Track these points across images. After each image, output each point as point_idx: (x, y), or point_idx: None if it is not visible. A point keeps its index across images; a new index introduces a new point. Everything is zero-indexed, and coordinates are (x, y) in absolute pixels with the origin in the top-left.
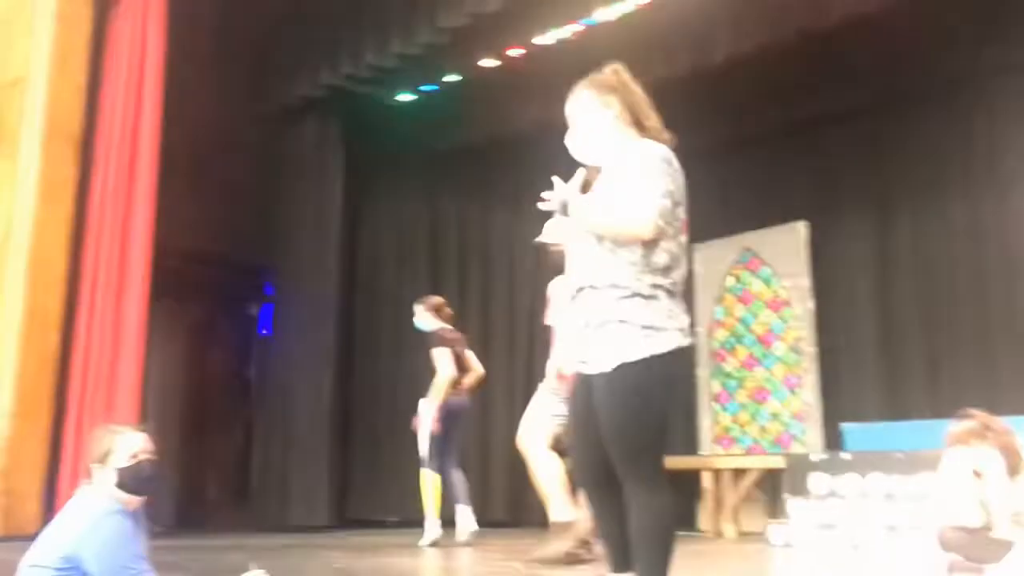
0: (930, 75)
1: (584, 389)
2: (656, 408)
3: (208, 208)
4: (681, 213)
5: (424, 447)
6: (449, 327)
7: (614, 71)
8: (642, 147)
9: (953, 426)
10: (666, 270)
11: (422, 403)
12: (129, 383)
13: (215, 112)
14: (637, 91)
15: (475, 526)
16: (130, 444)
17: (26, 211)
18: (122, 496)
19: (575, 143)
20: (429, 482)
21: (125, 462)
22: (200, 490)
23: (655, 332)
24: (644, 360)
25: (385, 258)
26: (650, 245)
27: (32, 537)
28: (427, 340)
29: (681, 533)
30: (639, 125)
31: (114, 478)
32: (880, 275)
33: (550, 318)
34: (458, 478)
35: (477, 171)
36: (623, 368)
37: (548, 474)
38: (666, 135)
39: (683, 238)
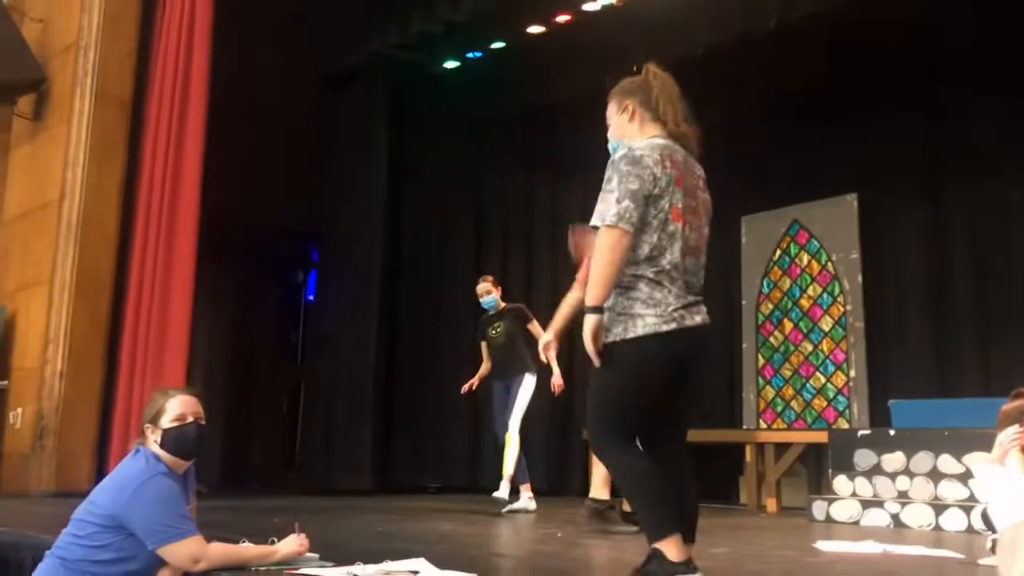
0: (985, 42)
1: None
2: (626, 384)
3: (255, 174)
4: (665, 204)
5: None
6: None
7: (644, 70)
8: (618, 153)
9: (1006, 405)
10: (649, 259)
11: (530, 376)
12: (177, 346)
13: (263, 79)
14: (657, 87)
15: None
16: (178, 406)
17: (78, 174)
18: (168, 457)
19: (610, 147)
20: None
21: (171, 423)
22: (246, 453)
23: (628, 318)
24: (618, 343)
25: (429, 225)
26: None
27: (83, 494)
28: (516, 313)
29: (722, 506)
30: (660, 120)
31: (160, 439)
32: (931, 249)
33: None
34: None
35: (522, 138)
36: (607, 348)
37: None
38: (683, 127)
39: (673, 226)
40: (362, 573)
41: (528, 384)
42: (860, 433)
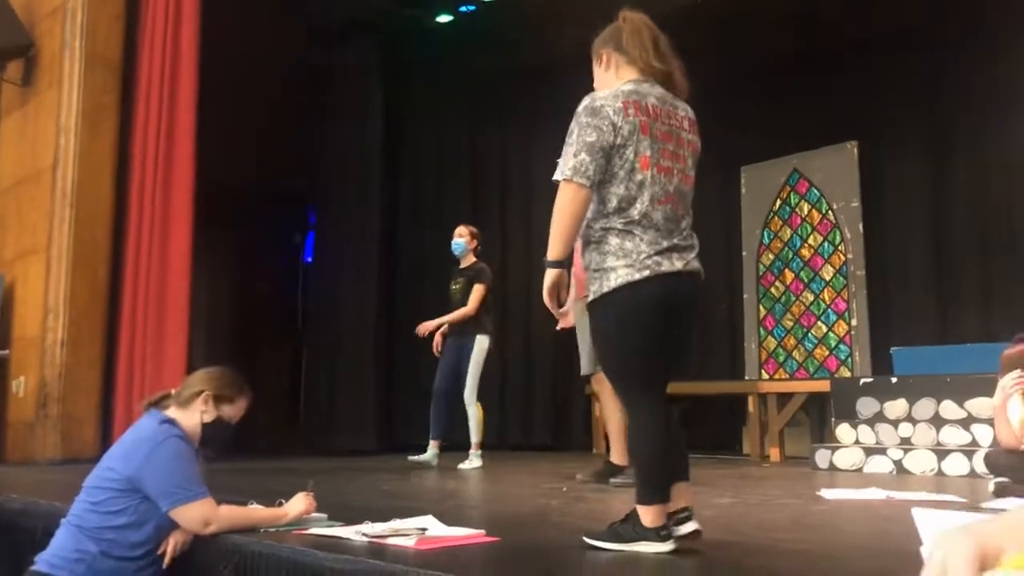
0: None
1: None
2: (614, 342)
3: (249, 135)
4: (629, 154)
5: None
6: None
7: (619, 17)
8: (581, 104)
9: (1007, 350)
10: (618, 211)
11: (481, 338)
12: (177, 310)
13: (254, 37)
14: (628, 29)
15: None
16: (242, 409)
17: (71, 140)
18: (193, 430)
19: None
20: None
21: (228, 416)
22: (249, 416)
23: (602, 273)
24: (596, 300)
25: (426, 183)
26: (595, 195)
27: (89, 461)
28: (476, 271)
29: (726, 457)
30: (635, 63)
31: (211, 419)
32: (932, 196)
33: None
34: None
35: (518, 93)
36: (588, 308)
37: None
38: (660, 64)
39: (641, 175)
40: (371, 531)
41: (480, 347)
42: (862, 381)
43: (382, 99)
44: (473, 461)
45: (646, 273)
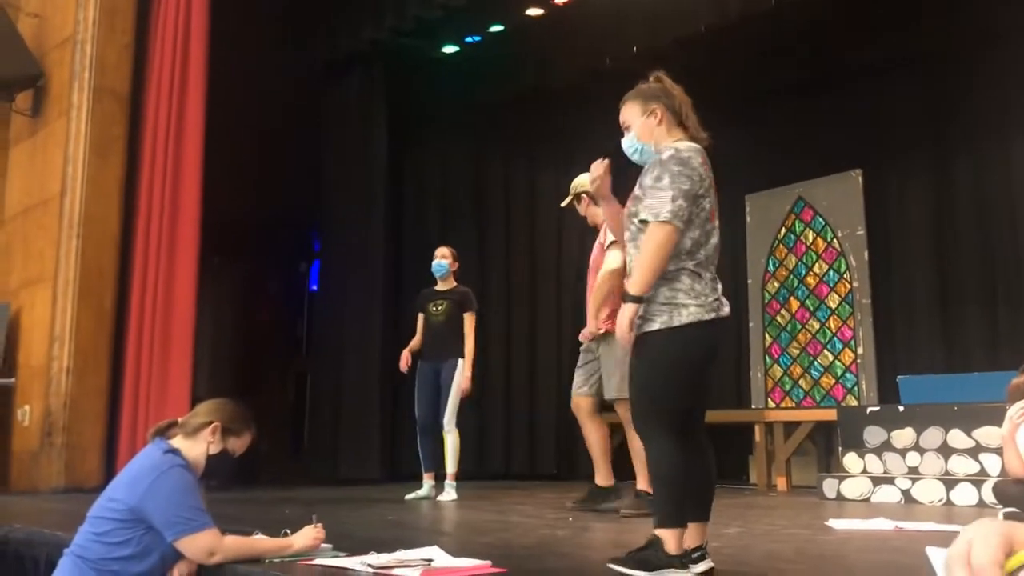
0: (988, 17)
1: None
2: (668, 372)
3: (255, 165)
4: (707, 204)
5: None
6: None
7: (656, 79)
8: (665, 153)
9: (1015, 380)
10: (690, 253)
11: (462, 362)
12: (183, 339)
13: (261, 68)
14: (677, 94)
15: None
16: (247, 443)
17: (78, 170)
18: (198, 460)
19: (628, 147)
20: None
21: (232, 449)
22: (253, 444)
23: (672, 308)
24: (661, 331)
25: (431, 211)
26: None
27: (93, 490)
28: (464, 296)
29: (732, 486)
30: (683, 126)
31: (218, 450)
32: (937, 223)
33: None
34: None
35: (522, 124)
36: (644, 337)
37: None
38: (703, 134)
39: (711, 224)
40: (376, 562)
41: (461, 373)
42: (869, 410)
43: (387, 128)
44: (450, 493)
45: (713, 315)
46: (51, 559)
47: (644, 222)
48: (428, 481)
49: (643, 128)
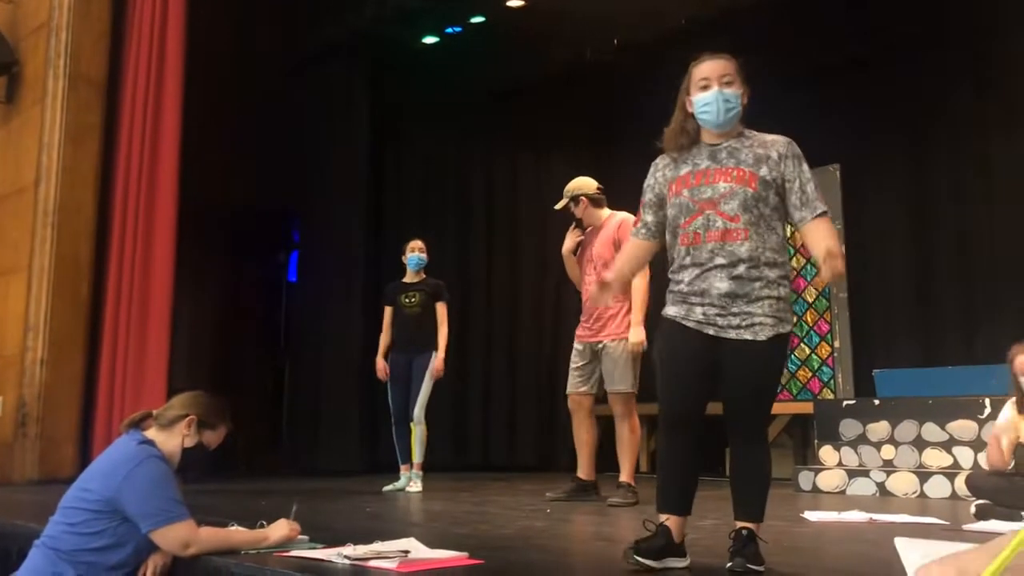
0: (966, 10)
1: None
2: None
3: (234, 155)
4: None
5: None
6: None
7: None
8: (791, 144)
9: (1017, 345)
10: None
11: (435, 355)
12: (159, 329)
13: (239, 57)
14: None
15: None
16: (222, 436)
17: (54, 158)
18: (173, 451)
19: (724, 103)
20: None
21: (208, 442)
22: (231, 436)
23: (790, 308)
24: (787, 335)
25: (412, 202)
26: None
27: (67, 480)
28: (436, 287)
29: (709, 478)
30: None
31: (193, 443)
32: (915, 218)
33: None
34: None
35: (503, 114)
36: (782, 339)
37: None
38: None
39: None
40: (353, 554)
41: (433, 364)
42: (845, 403)
43: (368, 119)
44: (416, 484)
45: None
46: (23, 551)
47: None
48: (405, 473)
49: (743, 94)
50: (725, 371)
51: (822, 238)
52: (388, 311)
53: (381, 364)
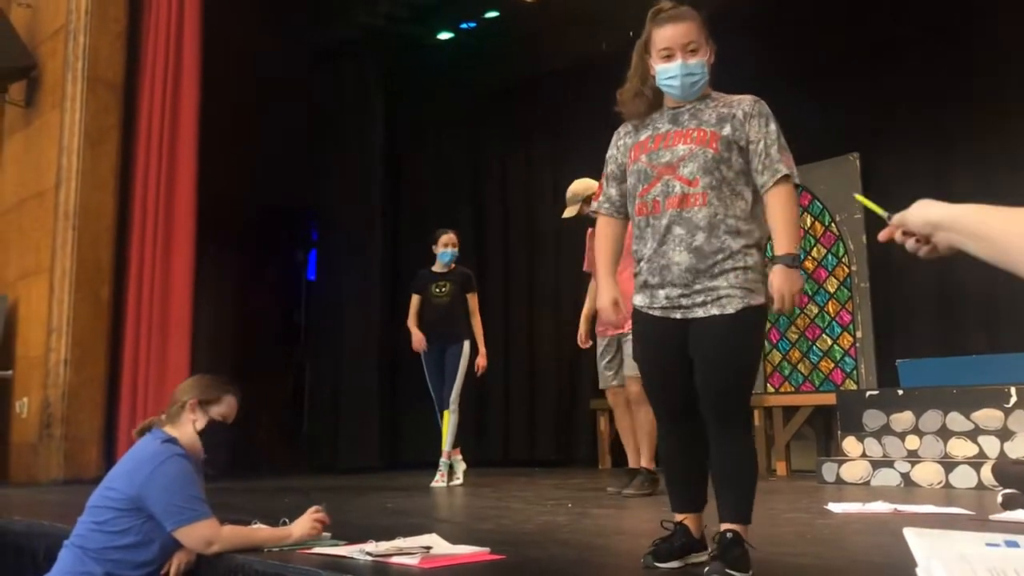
0: None
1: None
2: (758, 353)
3: (251, 153)
4: None
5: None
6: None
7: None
8: (756, 102)
9: None
10: None
11: (467, 344)
12: (180, 329)
13: (255, 57)
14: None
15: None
16: (232, 407)
17: (73, 160)
18: (191, 442)
19: (687, 73)
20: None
21: (218, 417)
22: (252, 434)
23: (763, 280)
24: (761, 307)
25: (429, 199)
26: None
27: (92, 480)
28: (466, 277)
29: None
30: None
31: (203, 425)
32: None
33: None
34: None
35: (518, 109)
36: (752, 312)
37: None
38: None
39: None
40: (375, 550)
41: (466, 353)
42: (868, 394)
43: (384, 116)
44: (459, 466)
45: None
46: (50, 551)
47: (787, 178)
48: (445, 460)
49: (709, 59)
50: (695, 353)
51: (779, 228)
52: (416, 299)
53: (418, 335)
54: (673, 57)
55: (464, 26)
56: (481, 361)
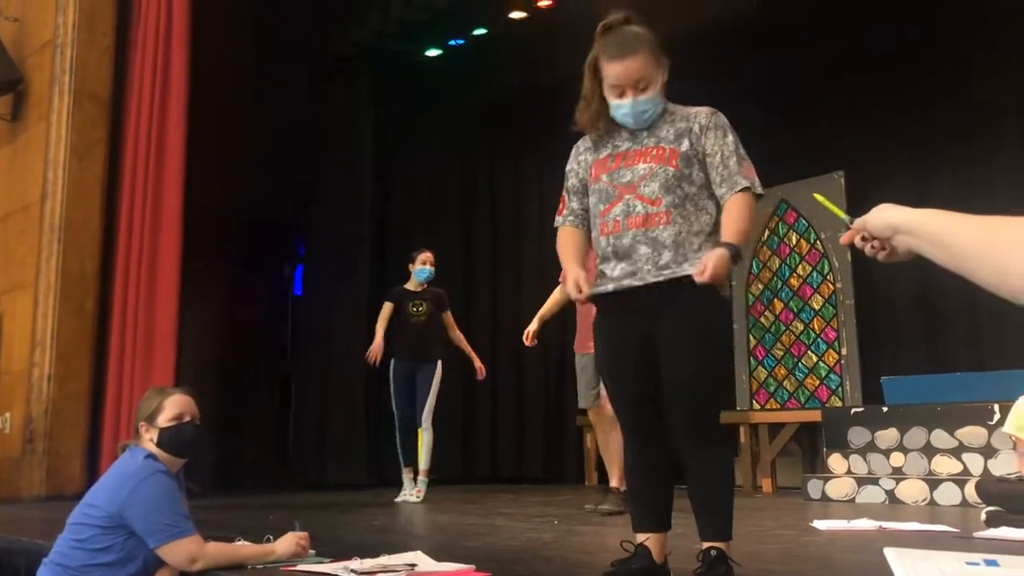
0: (972, 14)
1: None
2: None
3: (238, 168)
4: None
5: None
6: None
7: (627, 19)
8: (713, 114)
9: None
10: None
11: (440, 363)
12: (165, 344)
13: (243, 72)
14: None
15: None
16: (175, 405)
17: (59, 174)
18: (164, 455)
19: (641, 111)
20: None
21: (168, 423)
22: (238, 450)
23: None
24: (723, 302)
25: (416, 215)
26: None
27: (75, 496)
28: (440, 296)
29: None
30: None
31: (156, 438)
32: None
33: None
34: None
35: (507, 126)
36: (714, 307)
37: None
38: None
39: None
40: (360, 568)
41: (439, 373)
42: (853, 411)
43: (372, 132)
44: (422, 490)
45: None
46: (30, 568)
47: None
48: (408, 476)
49: (659, 84)
50: (658, 332)
51: (727, 225)
52: (388, 307)
53: (379, 344)
54: (624, 95)
55: (453, 43)
56: (481, 368)
